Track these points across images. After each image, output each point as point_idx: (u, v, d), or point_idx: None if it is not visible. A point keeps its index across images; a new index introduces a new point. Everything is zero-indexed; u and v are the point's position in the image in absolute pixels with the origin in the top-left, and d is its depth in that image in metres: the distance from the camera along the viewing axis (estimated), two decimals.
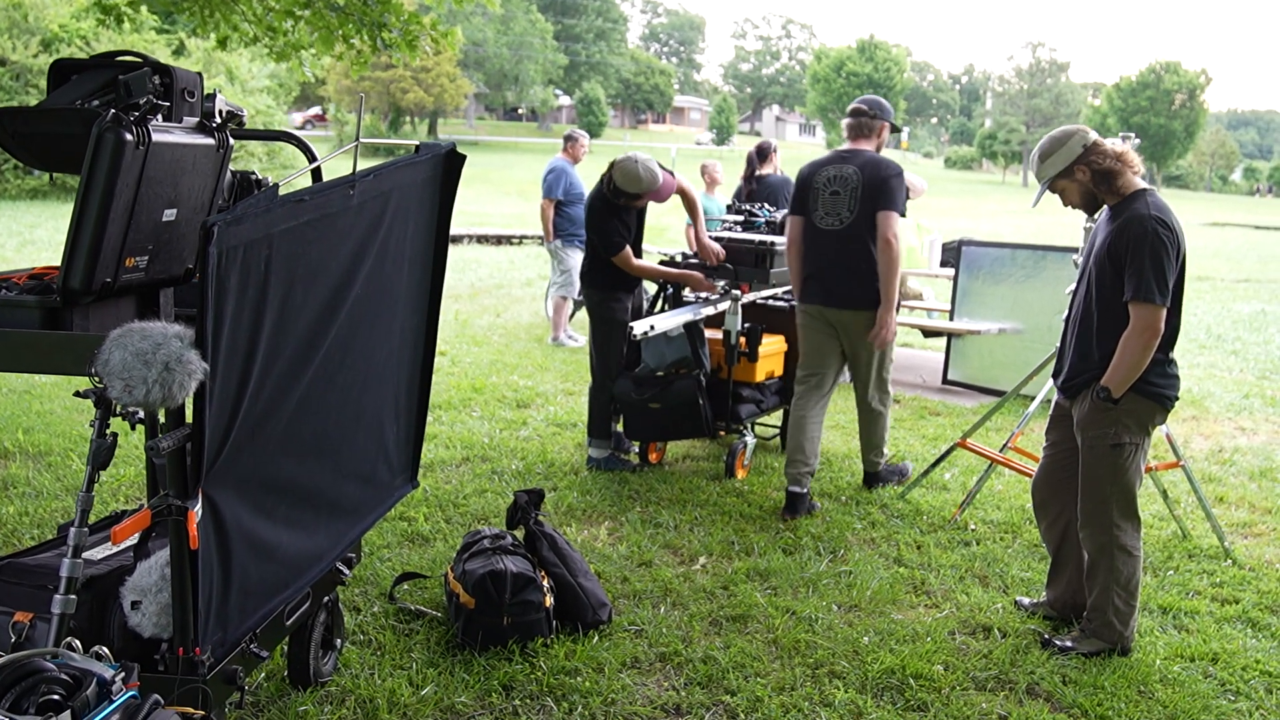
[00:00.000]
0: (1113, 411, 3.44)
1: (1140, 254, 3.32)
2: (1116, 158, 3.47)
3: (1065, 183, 3.56)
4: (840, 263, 4.87)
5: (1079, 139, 3.50)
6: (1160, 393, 3.47)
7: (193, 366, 2.08)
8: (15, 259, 13.07)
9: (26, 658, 1.76)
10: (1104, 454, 3.50)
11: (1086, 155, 3.49)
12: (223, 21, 6.69)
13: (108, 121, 2.22)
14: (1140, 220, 3.34)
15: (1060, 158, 3.52)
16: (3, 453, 5.29)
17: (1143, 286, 3.31)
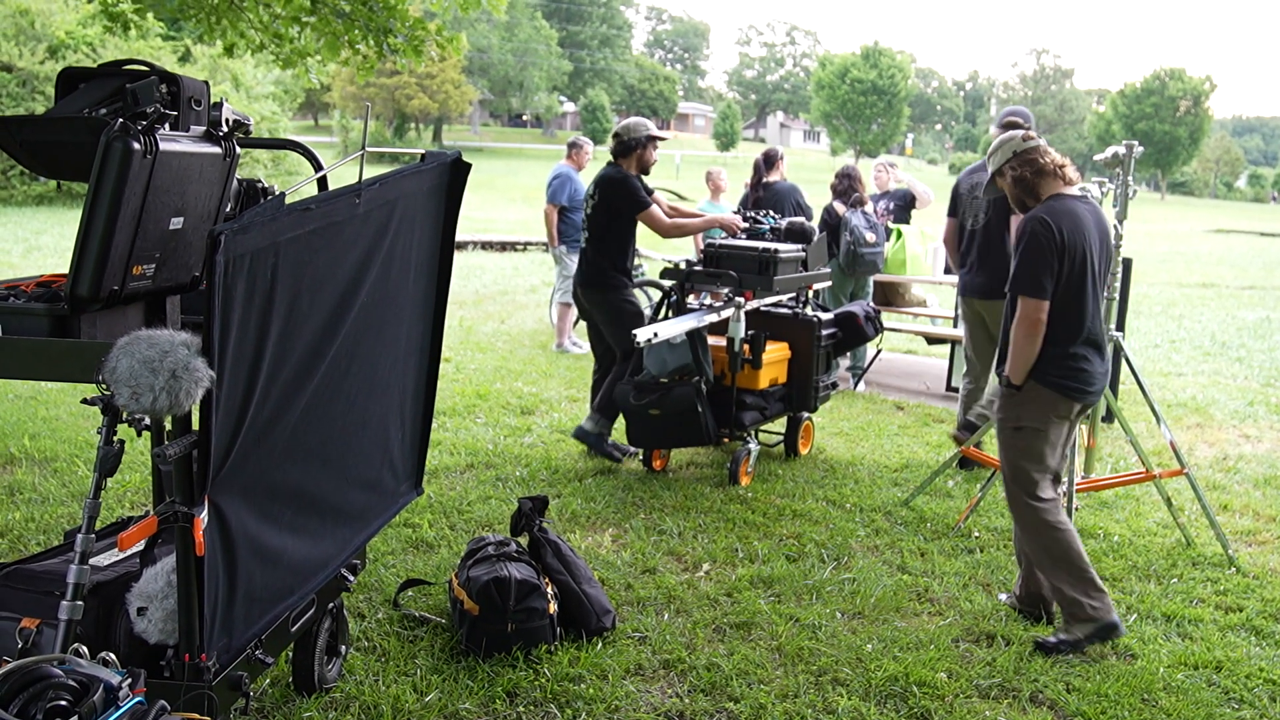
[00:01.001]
0: (1015, 397, 3.71)
1: (1021, 250, 3.62)
2: (1038, 169, 3.75)
3: (1001, 182, 3.89)
4: (981, 259, 5.66)
5: (1010, 146, 3.83)
6: (1059, 383, 3.67)
7: (199, 374, 2.09)
8: (21, 265, 13.12)
9: (34, 663, 1.77)
10: (1008, 436, 3.76)
11: (1012, 161, 3.81)
12: (229, 28, 6.72)
13: (115, 130, 2.23)
14: (1026, 220, 3.66)
15: (994, 160, 3.89)
16: (9, 459, 5.31)
17: (1017, 280, 3.63)
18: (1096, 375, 3.74)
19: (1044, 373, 3.66)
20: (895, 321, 8.87)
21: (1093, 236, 3.67)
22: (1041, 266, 3.58)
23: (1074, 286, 3.63)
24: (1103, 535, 4.80)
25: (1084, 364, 3.69)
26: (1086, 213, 3.70)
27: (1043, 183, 3.75)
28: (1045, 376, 3.66)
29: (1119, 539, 4.75)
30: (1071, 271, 3.62)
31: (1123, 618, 3.92)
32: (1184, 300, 15.40)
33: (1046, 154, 3.79)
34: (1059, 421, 3.73)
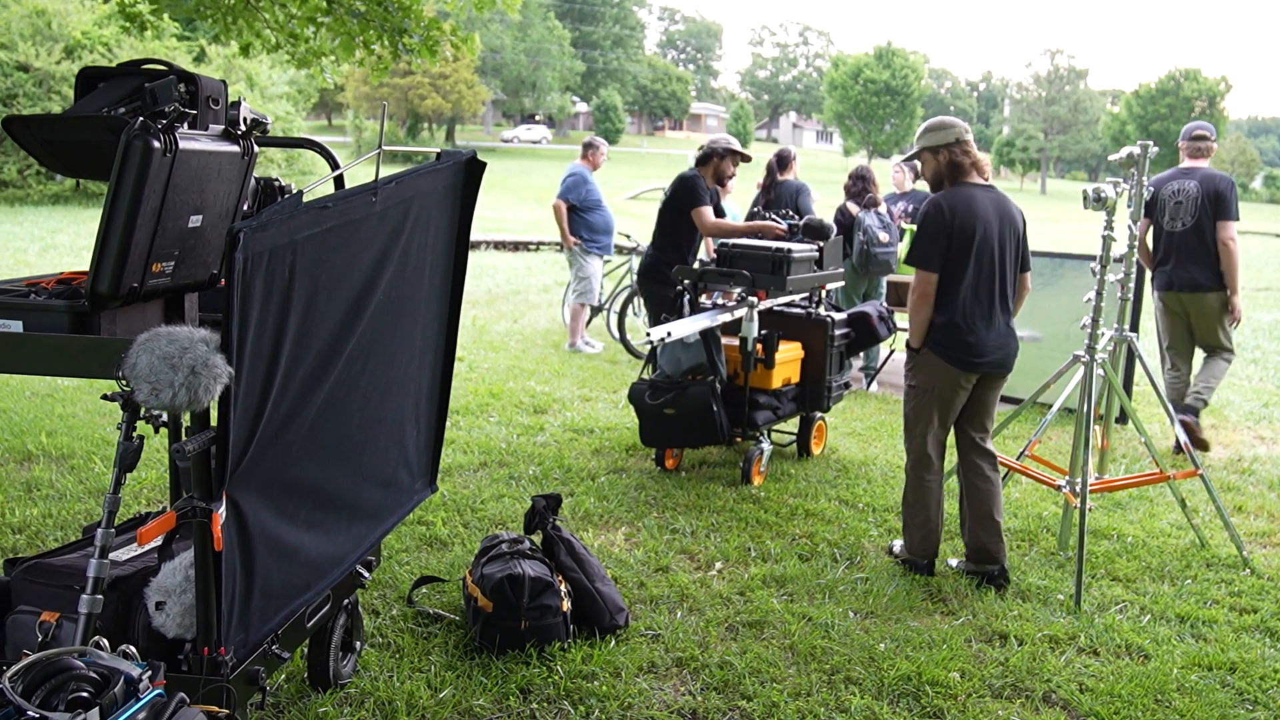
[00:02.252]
0: (913, 359, 4.23)
1: (918, 228, 4.14)
2: (972, 163, 4.16)
3: (929, 156, 4.20)
4: (1190, 256, 6.26)
5: (956, 132, 4.17)
6: (944, 351, 4.13)
7: (218, 370, 2.11)
8: (38, 264, 13.20)
9: (56, 655, 1.79)
10: (907, 393, 4.30)
11: (952, 146, 4.16)
12: (245, 28, 6.76)
13: (135, 129, 2.25)
14: (927, 201, 4.14)
15: (938, 136, 4.18)
16: (27, 455, 5.35)
17: (911, 253, 4.18)
18: (983, 347, 4.13)
19: (934, 340, 4.14)
20: (908, 322, 8.84)
21: (990, 222, 4.09)
22: (930, 243, 4.07)
23: (958, 263, 4.07)
24: (1116, 536, 4.79)
25: (967, 335, 4.11)
26: (987, 200, 4.12)
27: (966, 174, 4.15)
28: (934, 344, 4.14)
29: (1133, 540, 4.74)
30: (958, 249, 4.06)
31: (1136, 618, 3.92)
32: None
33: (971, 151, 4.20)
34: (947, 385, 4.17)
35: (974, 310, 4.12)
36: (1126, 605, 4.04)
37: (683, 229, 6.18)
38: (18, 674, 1.75)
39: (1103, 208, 4.36)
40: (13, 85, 22.46)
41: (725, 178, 6.28)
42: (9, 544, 4.16)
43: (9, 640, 2.48)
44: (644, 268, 6.36)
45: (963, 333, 4.10)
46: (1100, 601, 4.07)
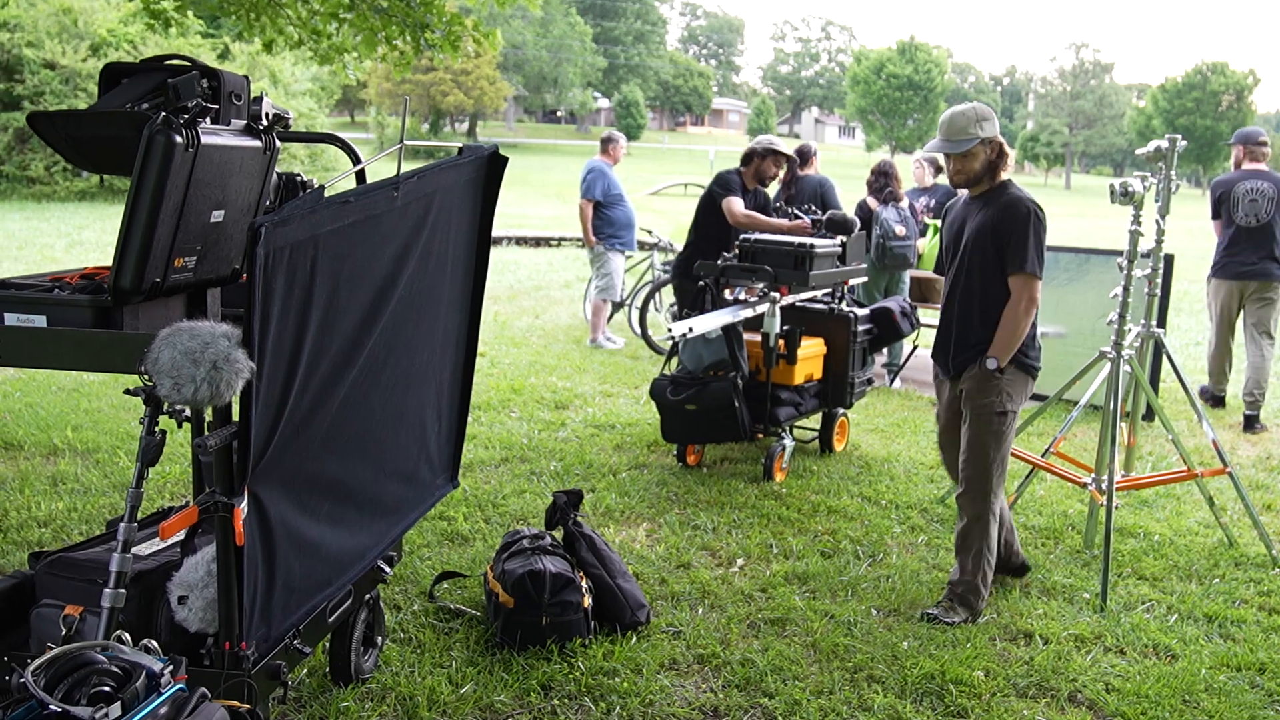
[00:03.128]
0: (1005, 379, 3.80)
1: (1032, 232, 3.74)
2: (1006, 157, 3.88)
3: (980, 149, 3.79)
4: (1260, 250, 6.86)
5: (996, 124, 3.83)
6: (1031, 366, 3.88)
7: (240, 365, 2.11)
8: (64, 259, 13.31)
9: (78, 650, 1.80)
10: (993, 421, 3.80)
11: (995, 142, 3.83)
12: (269, 25, 6.78)
13: (158, 124, 2.26)
14: (1023, 203, 3.77)
15: (991, 125, 3.79)
16: (52, 450, 5.39)
17: (1031, 259, 3.75)
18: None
19: (1025, 355, 3.86)
20: (932, 318, 8.79)
21: None
22: (1042, 247, 3.79)
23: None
24: (1143, 534, 4.73)
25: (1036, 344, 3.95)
26: None
27: (1003, 168, 3.88)
28: (1024, 360, 3.86)
29: (1160, 538, 4.69)
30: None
31: (1163, 618, 3.88)
32: None
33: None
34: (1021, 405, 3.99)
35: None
36: (1153, 604, 3.99)
37: (716, 226, 6.23)
38: (41, 668, 1.75)
39: (1130, 202, 4.31)
40: (40, 83, 22.65)
41: (767, 177, 6.38)
42: (35, 537, 4.19)
43: (33, 634, 2.49)
44: (677, 263, 6.48)
45: (1036, 343, 3.92)
46: (1126, 600, 4.03)
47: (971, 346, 3.84)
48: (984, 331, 3.81)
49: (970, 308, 3.85)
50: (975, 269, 3.83)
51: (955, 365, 3.91)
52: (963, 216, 3.95)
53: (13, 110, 22.71)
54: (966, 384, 3.85)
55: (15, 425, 5.77)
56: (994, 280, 3.80)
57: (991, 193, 3.84)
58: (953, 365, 3.92)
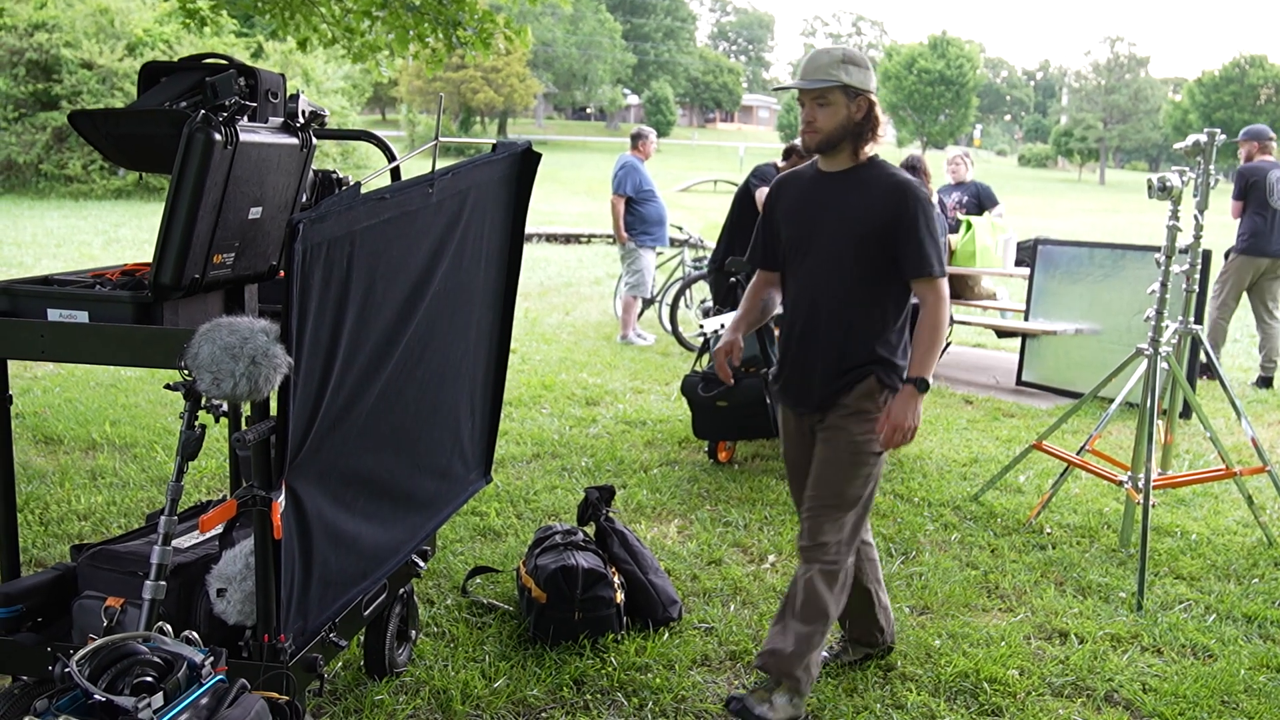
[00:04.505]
0: (876, 415, 2.99)
1: (932, 225, 2.94)
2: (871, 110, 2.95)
3: (841, 99, 2.89)
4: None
5: (873, 75, 2.98)
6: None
7: (278, 360, 2.13)
8: (102, 257, 13.49)
9: (121, 640, 1.82)
10: (869, 449, 3.00)
11: (874, 95, 2.96)
12: (302, 23, 6.83)
13: (198, 122, 2.28)
14: (917, 186, 2.94)
15: (862, 74, 2.90)
16: (91, 444, 5.46)
17: (935, 261, 2.93)
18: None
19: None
20: (964, 314, 8.74)
21: None
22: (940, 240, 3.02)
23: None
24: (1180, 533, 4.68)
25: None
26: None
27: (871, 138, 2.98)
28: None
29: (1197, 537, 4.63)
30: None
31: (1200, 617, 3.83)
32: None
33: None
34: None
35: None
36: (1191, 604, 3.95)
37: (752, 219, 6.20)
38: (85, 658, 1.78)
39: (1168, 197, 4.26)
40: (77, 82, 22.97)
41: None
42: (75, 530, 4.25)
43: (75, 625, 2.53)
44: (713, 257, 6.54)
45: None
46: (1164, 600, 3.98)
47: (847, 371, 2.98)
48: (864, 350, 2.97)
49: (844, 321, 2.98)
50: (849, 272, 2.96)
51: (824, 396, 3.02)
52: (815, 200, 3.02)
53: (51, 110, 23.07)
54: (836, 416, 3.01)
55: (55, 420, 5.85)
56: (876, 286, 2.98)
57: (857, 172, 2.96)
58: (819, 397, 3.04)
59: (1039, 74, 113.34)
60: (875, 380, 2.97)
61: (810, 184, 3.06)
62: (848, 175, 2.98)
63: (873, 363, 2.98)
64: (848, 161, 2.97)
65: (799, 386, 3.08)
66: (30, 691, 2.53)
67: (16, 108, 23.25)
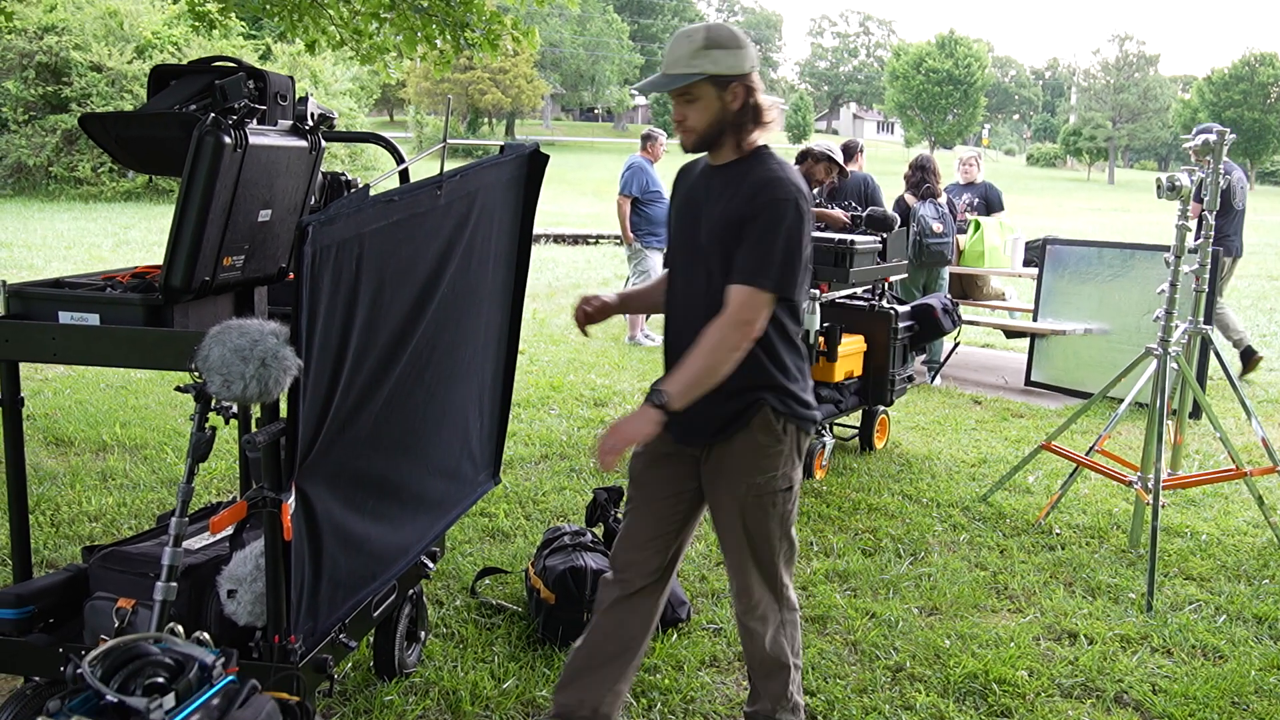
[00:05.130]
0: (779, 447, 2.59)
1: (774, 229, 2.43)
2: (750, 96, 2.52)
3: (711, 91, 2.47)
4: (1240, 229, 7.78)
5: (754, 53, 2.53)
6: (803, 417, 2.64)
7: (288, 362, 2.14)
8: (111, 259, 13.53)
9: (133, 641, 1.83)
10: (775, 502, 2.62)
11: (752, 76, 2.51)
12: (311, 26, 6.85)
13: (207, 125, 2.29)
14: (783, 185, 2.47)
15: (731, 57, 2.46)
16: (101, 445, 5.49)
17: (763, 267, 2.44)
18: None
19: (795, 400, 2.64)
20: (973, 314, 8.73)
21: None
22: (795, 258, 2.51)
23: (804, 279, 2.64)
24: (1190, 534, 4.67)
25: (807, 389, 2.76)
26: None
27: (756, 126, 2.58)
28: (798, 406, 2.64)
29: (1207, 538, 4.62)
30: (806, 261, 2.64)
31: (1211, 618, 3.82)
32: (1275, 293, 14.89)
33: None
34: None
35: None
36: (1201, 605, 3.94)
37: None
38: (97, 659, 1.79)
39: (1177, 197, 4.25)
40: (87, 85, 23.06)
41: (813, 181, 6.39)
42: (86, 532, 4.27)
43: (87, 626, 2.54)
44: None
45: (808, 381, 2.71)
46: (1173, 600, 3.97)
47: (733, 395, 2.53)
48: (741, 374, 2.48)
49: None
50: (716, 281, 2.50)
51: (710, 424, 2.59)
52: (695, 196, 2.62)
53: (61, 112, 23.17)
54: (728, 453, 2.60)
55: (65, 421, 5.88)
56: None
57: (738, 165, 2.55)
58: (704, 425, 2.59)
59: (1047, 73, 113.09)
60: (769, 411, 2.55)
61: (698, 177, 2.65)
62: (728, 170, 2.55)
63: (758, 388, 2.54)
64: (731, 154, 2.55)
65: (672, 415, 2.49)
66: (42, 692, 2.54)
67: (26, 110, 23.36)
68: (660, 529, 2.71)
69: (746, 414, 2.55)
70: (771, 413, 2.56)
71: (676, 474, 2.71)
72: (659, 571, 2.73)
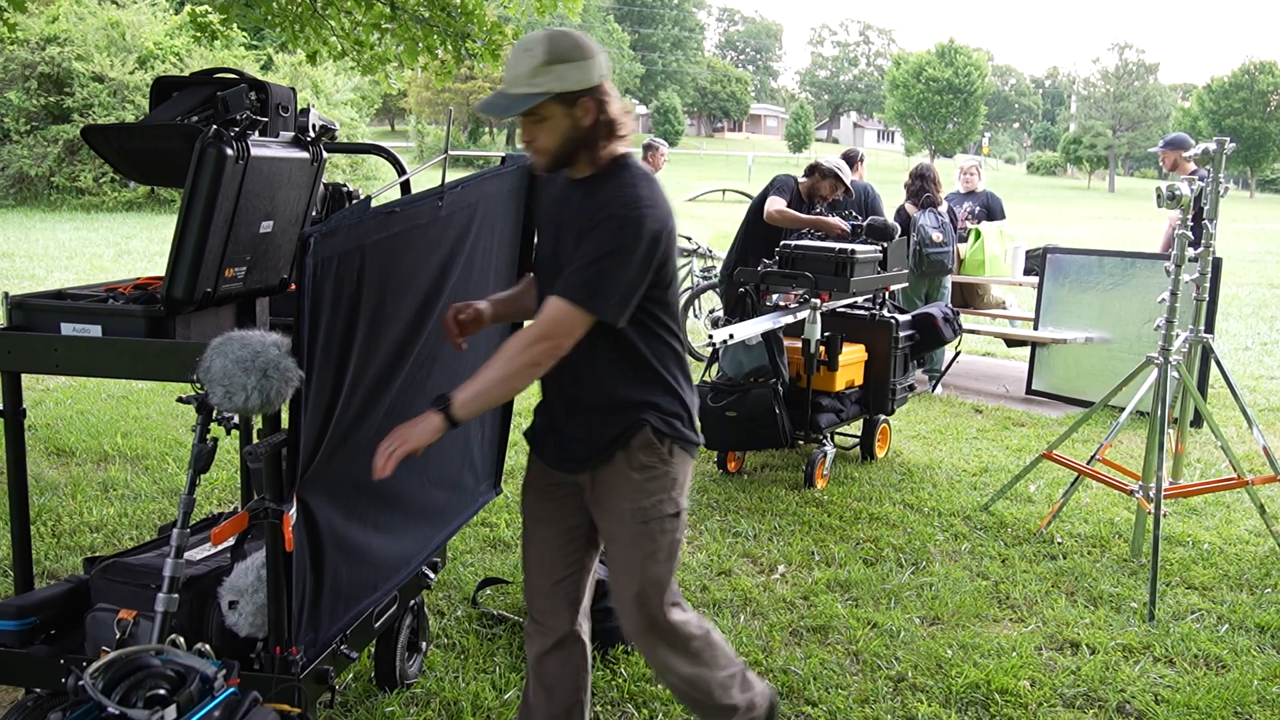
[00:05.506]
0: (665, 469, 2.44)
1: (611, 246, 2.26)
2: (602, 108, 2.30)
3: (558, 110, 2.26)
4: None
5: (604, 60, 2.31)
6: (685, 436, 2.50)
7: (290, 373, 2.14)
8: (113, 269, 13.55)
9: (134, 653, 1.83)
10: (660, 528, 2.46)
11: (602, 87, 2.30)
12: (312, 36, 6.86)
13: (209, 137, 2.30)
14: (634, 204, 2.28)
15: (576, 71, 2.24)
16: (103, 456, 5.49)
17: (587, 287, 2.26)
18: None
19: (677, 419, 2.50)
20: (974, 323, 8.73)
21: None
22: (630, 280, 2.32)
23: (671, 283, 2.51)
24: (1192, 543, 4.66)
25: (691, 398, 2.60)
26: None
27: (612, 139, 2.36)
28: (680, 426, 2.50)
29: (1209, 547, 4.62)
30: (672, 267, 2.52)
31: (1213, 628, 3.81)
32: (1275, 301, 14.90)
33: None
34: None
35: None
36: (1203, 614, 3.93)
37: (765, 227, 6.24)
38: (98, 671, 1.79)
39: (1178, 205, 4.26)
40: (89, 95, 23.12)
41: (817, 196, 6.28)
42: (87, 542, 4.27)
43: (88, 637, 2.54)
44: (725, 265, 6.55)
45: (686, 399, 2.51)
46: (1175, 610, 3.97)
47: (613, 413, 2.43)
48: (631, 387, 2.41)
49: (572, 360, 2.33)
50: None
51: (588, 446, 2.47)
52: (559, 207, 2.45)
53: (63, 123, 23.22)
54: (611, 478, 2.44)
55: (67, 432, 5.88)
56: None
57: (594, 180, 2.35)
58: (583, 448, 2.48)
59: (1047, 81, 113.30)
60: (650, 431, 2.39)
61: (559, 190, 2.46)
62: (585, 184, 2.37)
63: (639, 407, 2.40)
64: (588, 169, 2.35)
65: (549, 439, 2.52)
66: (43, 704, 2.54)
67: (28, 121, 23.40)
68: (561, 571, 2.59)
69: (626, 435, 2.39)
70: (653, 433, 2.40)
71: (565, 509, 2.58)
72: (573, 619, 2.62)
